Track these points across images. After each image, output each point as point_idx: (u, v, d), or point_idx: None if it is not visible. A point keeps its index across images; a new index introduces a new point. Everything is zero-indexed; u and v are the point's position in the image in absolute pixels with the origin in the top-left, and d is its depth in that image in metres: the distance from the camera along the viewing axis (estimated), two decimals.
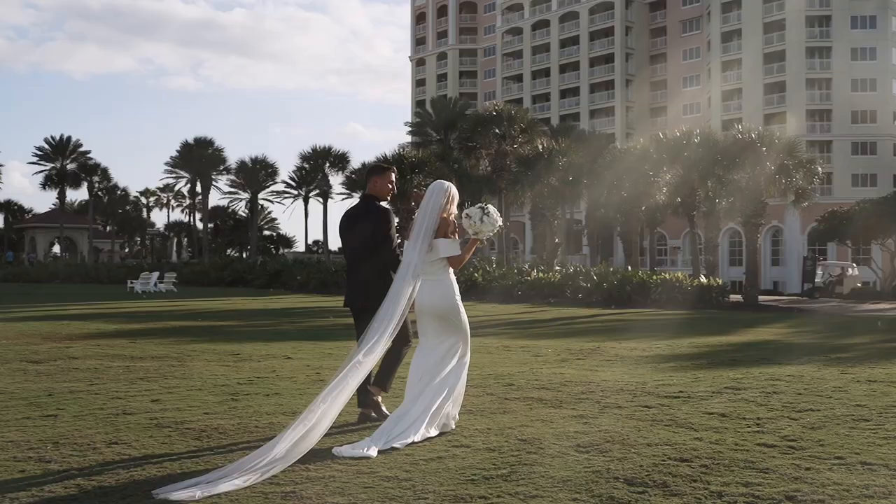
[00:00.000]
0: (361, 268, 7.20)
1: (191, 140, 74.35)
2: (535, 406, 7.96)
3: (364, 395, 7.05)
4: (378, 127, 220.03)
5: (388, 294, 6.51)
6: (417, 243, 6.59)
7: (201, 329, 18.53)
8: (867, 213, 38.03)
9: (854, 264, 46.69)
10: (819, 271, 43.09)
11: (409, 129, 75.38)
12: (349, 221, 7.34)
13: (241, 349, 13.69)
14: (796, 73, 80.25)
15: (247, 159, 73.58)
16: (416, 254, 6.58)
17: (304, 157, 71.38)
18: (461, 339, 6.81)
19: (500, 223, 6.86)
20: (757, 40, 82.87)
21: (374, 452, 5.94)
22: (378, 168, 7.42)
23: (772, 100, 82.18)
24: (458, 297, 6.82)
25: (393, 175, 7.32)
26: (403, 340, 7.01)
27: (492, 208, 6.88)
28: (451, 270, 6.81)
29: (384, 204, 7.29)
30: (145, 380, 9.89)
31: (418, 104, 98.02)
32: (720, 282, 31.28)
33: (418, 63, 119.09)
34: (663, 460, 5.72)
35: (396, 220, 7.46)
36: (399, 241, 7.17)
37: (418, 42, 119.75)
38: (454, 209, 6.80)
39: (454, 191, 6.85)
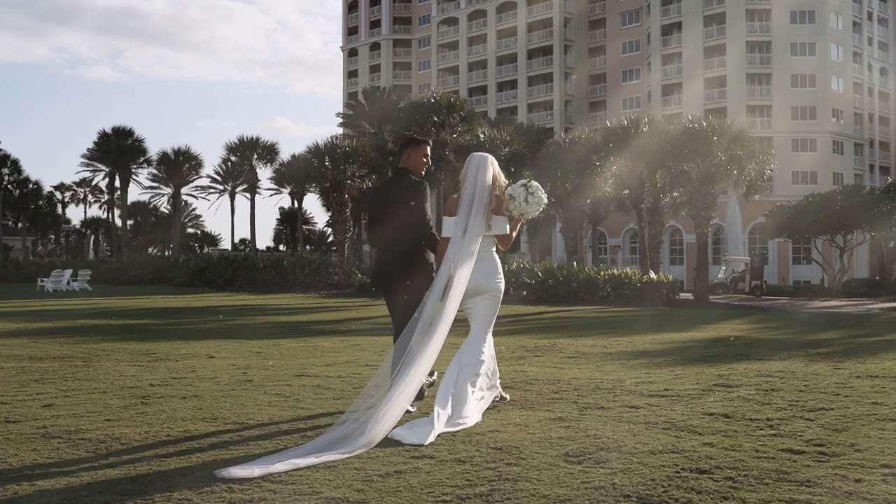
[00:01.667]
0: (397, 247, 6.82)
1: (108, 130, 71.72)
2: (503, 407, 6.97)
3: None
4: (307, 122, 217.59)
5: (444, 277, 6.26)
6: (469, 220, 6.35)
7: (114, 328, 17.22)
8: (816, 207, 37.97)
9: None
10: (723, 267, 43.26)
11: (342, 120, 73.92)
12: (383, 196, 6.97)
13: (158, 348, 12.48)
14: (737, 67, 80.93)
15: (169, 151, 71.19)
16: (465, 231, 6.34)
17: (231, 149, 69.14)
18: (492, 320, 6.70)
19: (545, 201, 6.62)
20: (697, 34, 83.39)
21: (433, 437, 5.63)
22: (414, 141, 7.09)
23: (712, 94, 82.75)
24: (502, 276, 6.70)
25: (428, 149, 7.09)
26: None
27: (535, 185, 6.57)
28: (494, 248, 6.62)
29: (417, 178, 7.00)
30: (40, 382, 8.66)
31: (350, 96, 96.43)
32: (670, 278, 30.78)
33: (350, 53, 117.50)
34: (677, 472, 4.76)
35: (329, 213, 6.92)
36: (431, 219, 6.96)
37: (350, 32, 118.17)
38: (503, 182, 6.59)
39: (496, 163, 6.63)
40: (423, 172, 7.05)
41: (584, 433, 5.84)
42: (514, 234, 6.66)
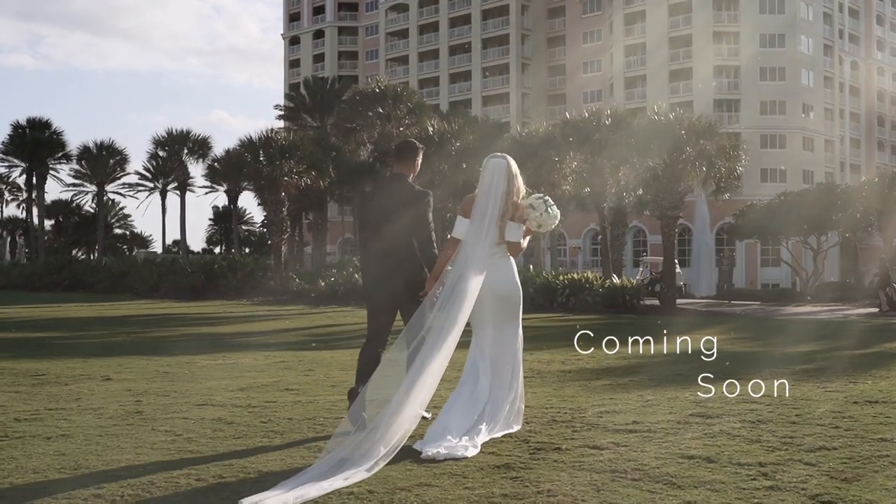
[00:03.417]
0: (396, 255, 6.91)
1: (23, 122, 69.50)
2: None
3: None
4: (246, 115, 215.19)
5: (455, 283, 6.30)
6: (483, 227, 6.46)
7: (8, 343, 16.09)
8: (788, 207, 37.73)
9: (676, 261, 46.97)
10: (640, 268, 42.99)
11: (281, 112, 72.65)
12: (381, 200, 7.13)
13: (49, 368, 11.42)
14: (703, 59, 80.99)
15: (91, 145, 69.14)
16: (480, 239, 6.45)
17: (159, 143, 67.09)
18: (517, 326, 6.72)
19: (559, 216, 6.77)
20: (662, 23, 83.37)
21: (431, 454, 5.73)
22: (417, 147, 7.32)
23: (677, 87, 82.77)
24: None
25: (421, 154, 7.35)
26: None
27: (550, 200, 6.73)
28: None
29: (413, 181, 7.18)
30: None
31: (292, 87, 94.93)
32: (634, 282, 30.21)
33: (292, 41, 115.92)
34: None
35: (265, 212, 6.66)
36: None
37: (292, 18, 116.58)
38: (522, 188, 6.66)
39: (515, 167, 6.64)
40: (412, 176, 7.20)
41: (535, 488, 4.95)
42: (525, 244, 6.75)
